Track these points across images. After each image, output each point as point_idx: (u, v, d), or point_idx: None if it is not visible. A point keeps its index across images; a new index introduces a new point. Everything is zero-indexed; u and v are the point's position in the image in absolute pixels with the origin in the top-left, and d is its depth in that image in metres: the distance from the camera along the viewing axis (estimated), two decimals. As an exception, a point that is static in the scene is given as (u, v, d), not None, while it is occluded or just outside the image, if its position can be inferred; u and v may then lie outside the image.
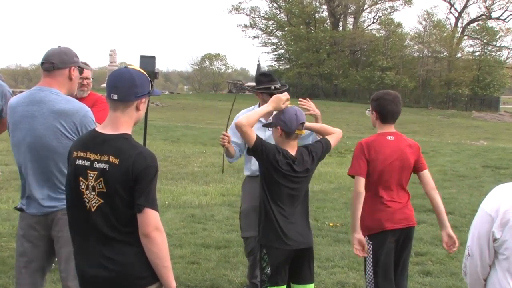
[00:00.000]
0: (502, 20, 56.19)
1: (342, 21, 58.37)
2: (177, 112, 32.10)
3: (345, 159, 14.73)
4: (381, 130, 3.93)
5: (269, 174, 3.65)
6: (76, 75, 3.48)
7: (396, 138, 3.90)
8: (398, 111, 3.92)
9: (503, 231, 2.36)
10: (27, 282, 3.43)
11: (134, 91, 2.60)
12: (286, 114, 3.70)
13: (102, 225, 2.54)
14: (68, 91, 3.45)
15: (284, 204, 3.68)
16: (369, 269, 3.91)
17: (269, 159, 3.61)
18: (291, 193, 3.69)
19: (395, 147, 3.85)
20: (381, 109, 3.89)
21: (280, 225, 3.65)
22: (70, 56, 3.45)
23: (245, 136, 3.63)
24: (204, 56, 77.26)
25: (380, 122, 3.92)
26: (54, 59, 3.38)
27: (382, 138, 3.88)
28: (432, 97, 50.66)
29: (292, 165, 3.65)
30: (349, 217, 7.88)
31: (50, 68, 3.37)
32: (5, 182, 9.20)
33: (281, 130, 3.68)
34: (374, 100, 3.96)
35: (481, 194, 9.41)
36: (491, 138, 23.23)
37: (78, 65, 3.50)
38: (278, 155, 3.61)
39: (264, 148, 3.61)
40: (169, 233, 6.65)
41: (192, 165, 12.73)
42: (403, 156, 3.86)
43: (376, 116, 3.92)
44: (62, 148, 3.21)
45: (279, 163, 3.61)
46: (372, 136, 3.98)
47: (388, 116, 3.89)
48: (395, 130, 3.96)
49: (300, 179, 3.71)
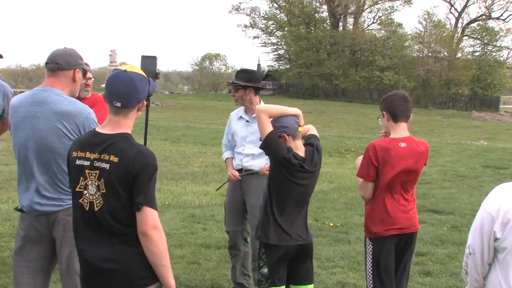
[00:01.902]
0: (502, 20, 56.27)
1: (342, 21, 58.39)
2: (177, 112, 32.12)
3: (345, 159, 14.74)
4: (394, 133, 3.83)
5: (279, 170, 3.61)
6: (80, 77, 3.48)
7: (408, 144, 3.79)
8: (409, 109, 3.85)
9: (504, 231, 2.37)
10: (28, 282, 3.42)
11: (136, 97, 2.62)
12: (284, 121, 3.65)
13: (104, 225, 2.55)
14: (70, 92, 3.45)
15: (290, 204, 3.67)
16: (369, 269, 3.90)
17: (280, 154, 3.56)
18: (300, 190, 3.67)
19: (406, 156, 3.76)
20: (391, 108, 3.82)
21: (281, 224, 3.64)
22: (75, 58, 3.45)
23: (261, 123, 3.57)
24: (204, 56, 77.37)
25: (392, 122, 3.83)
26: (59, 59, 3.38)
27: (395, 145, 3.77)
28: (432, 97, 50.66)
29: (302, 165, 3.64)
30: (349, 217, 7.92)
31: (54, 68, 3.37)
32: (5, 182, 9.20)
33: (286, 136, 3.65)
34: (383, 101, 3.91)
35: (481, 194, 9.41)
36: (491, 138, 23.24)
37: (82, 67, 3.50)
38: (288, 153, 3.59)
39: (276, 143, 3.57)
40: (169, 233, 6.65)
41: (192, 165, 12.73)
42: (413, 165, 3.79)
43: (388, 117, 3.84)
44: (64, 149, 3.21)
45: (290, 160, 3.58)
46: (385, 139, 3.87)
47: (399, 113, 3.80)
48: (408, 134, 3.86)
49: (309, 174, 3.70)
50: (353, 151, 16.02)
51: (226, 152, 5.13)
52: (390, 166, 3.74)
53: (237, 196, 4.92)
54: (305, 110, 28.19)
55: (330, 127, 26.58)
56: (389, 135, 3.90)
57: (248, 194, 4.84)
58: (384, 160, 3.74)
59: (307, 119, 3.90)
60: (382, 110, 3.89)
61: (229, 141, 5.07)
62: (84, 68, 3.55)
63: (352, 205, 8.67)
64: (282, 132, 3.62)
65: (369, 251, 3.89)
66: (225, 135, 5.14)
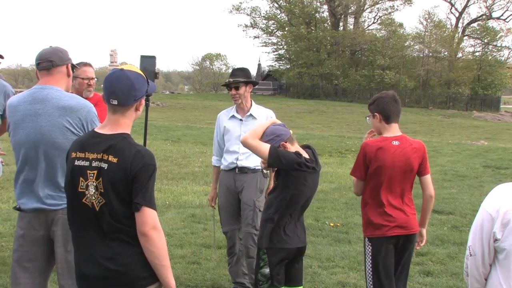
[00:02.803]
0: (503, 20, 56.24)
1: (342, 21, 58.35)
2: (178, 112, 32.11)
3: (345, 159, 14.73)
4: (386, 132, 3.87)
5: (295, 178, 3.57)
6: (71, 72, 3.50)
7: (401, 142, 3.83)
8: (399, 109, 3.89)
9: (503, 231, 2.37)
10: (27, 282, 3.41)
11: (133, 94, 2.61)
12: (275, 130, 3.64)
13: (104, 225, 2.55)
14: (66, 88, 3.48)
15: (298, 209, 3.68)
16: (369, 270, 3.90)
17: (293, 161, 3.52)
18: (308, 194, 3.67)
19: (400, 153, 3.79)
20: (383, 109, 3.85)
21: (285, 228, 3.65)
22: (65, 53, 3.49)
23: (255, 149, 3.56)
24: (204, 56, 77.31)
25: (385, 123, 3.86)
26: (52, 57, 3.40)
27: (388, 143, 3.81)
28: (433, 97, 50.60)
29: (314, 166, 3.65)
30: (349, 217, 7.92)
31: (49, 66, 3.38)
32: (5, 182, 9.20)
33: (285, 143, 3.64)
34: (373, 103, 3.93)
35: (482, 194, 9.42)
36: (492, 138, 23.21)
37: (72, 62, 3.53)
38: (300, 157, 3.58)
39: (281, 155, 3.53)
40: (169, 233, 6.65)
41: (193, 165, 12.73)
42: (407, 161, 3.81)
43: (380, 118, 3.87)
44: (68, 144, 3.20)
45: (306, 164, 3.57)
46: (378, 139, 3.91)
47: (391, 114, 3.84)
48: (400, 133, 3.90)
49: (317, 174, 3.73)
50: (354, 151, 16.00)
51: (214, 158, 5.16)
52: (384, 165, 3.76)
53: (231, 196, 4.95)
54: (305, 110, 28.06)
55: (330, 127, 26.58)
56: (379, 134, 3.94)
57: (242, 191, 4.88)
58: (377, 159, 3.76)
59: (308, 119, 3.90)
60: (373, 112, 3.91)
61: (219, 144, 5.06)
62: (73, 63, 3.56)
63: (353, 205, 8.66)
64: (280, 141, 3.60)
65: (368, 251, 3.89)
66: (215, 138, 5.13)
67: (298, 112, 33.56)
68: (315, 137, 19.80)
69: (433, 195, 3.98)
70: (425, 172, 3.93)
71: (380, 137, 3.91)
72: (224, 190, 4.99)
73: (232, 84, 4.86)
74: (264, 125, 3.71)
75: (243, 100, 4.89)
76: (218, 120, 5.09)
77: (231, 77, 4.92)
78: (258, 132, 3.63)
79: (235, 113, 4.97)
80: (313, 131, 23.02)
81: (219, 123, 5.05)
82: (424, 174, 3.93)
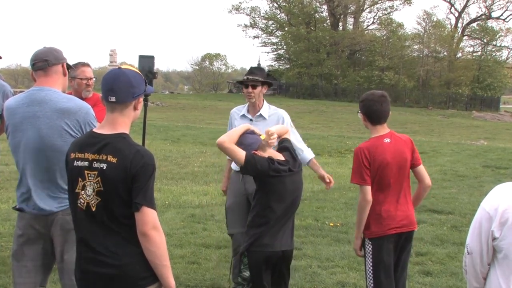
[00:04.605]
0: (502, 20, 56.30)
1: (342, 21, 58.37)
2: (177, 112, 32.08)
3: (345, 159, 14.72)
4: (375, 132, 3.88)
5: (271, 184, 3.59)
6: (66, 71, 3.50)
7: (392, 139, 3.86)
8: (385, 110, 3.85)
9: (502, 230, 2.37)
10: (26, 281, 3.42)
11: (131, 91, 2.61)
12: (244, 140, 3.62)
13: (103, 225, 2.55)
14: (63, 88, 3.47)
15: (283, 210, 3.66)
16: (369, 269, 3.91)
17: (265, 168, 3.53)
18: (292, 195, 3.66)
19: (393, 150, 3.82)
20: (367, 110, 3.85)
21: (268, 233, 3.64)
22: (60, 53, 3.48)
23: (231, 153, 3.54)
24: (204, 56, 77.32)
25: (370, 124, 3.89)
26: (47, 56, 3.38)
27: (380, 142, 3.83)
28: (432, 97, 50.63)
29: (290, 168, 3.64)
30: (349, 217, 7.91)
31: (45, 65, 3.37)
32: (5, 182, 9.20)
33: (256, 152, 3.62)
34: (360, 101, 3.94)
35: (481, 194, 9.41)
36: (491, 138, 23.22)
37: (67, 61, 3.52)
38: (273, 163, 3.57)
39: (256, 161, 3.53)
40: (169, 233, 6.65)
41: (192, 165, 12.73)
42: (402, 156, 3.84)
43: (364, 118, 3.89)
44: (66, 146, 3.20)
45: (278, 170, 3.57)
46: (369, 140, 3.92)
47: (374, 116, 3.84)
48: (388, 130, 3.92)
49: (297, 175, 3.72)
50: (353, 151, 16.00)
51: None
52: (380, 163, 3.78)
53: (241, 198, 4.88)
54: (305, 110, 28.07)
55: (330, 127, 26.55)
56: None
57: (252, 192, 4.83)
58: (374, 159, 3.77)
59: (307, 119, 3.90)
60: (361, 110, 3.92)
61: None
62: (68, 63, 3.56)
63: (352, 205, 8.66)
64: (250, 150, 3.59)
65: (368, 251, 3.90)
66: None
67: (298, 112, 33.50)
68: (315, 137, 19.79)
69: (430, 185, 4.00)
70: (418, 163, 3.94)
71: (370, 139, 3.91)
72: (233, 192, 4.94)
73: (249, 82, 4.79)
74: (239, 131, 3.67)
75: (257, 99, 4.85)
76: (230, 116, 5.07)
77: (249, 74, 4.83)
78: (234, 137, 3.61)
79: (246, 112, 4.94)
80: (312, 131, 23.00)
81: (232, 121, 5.03)
82: (417, 165, 3.93)
